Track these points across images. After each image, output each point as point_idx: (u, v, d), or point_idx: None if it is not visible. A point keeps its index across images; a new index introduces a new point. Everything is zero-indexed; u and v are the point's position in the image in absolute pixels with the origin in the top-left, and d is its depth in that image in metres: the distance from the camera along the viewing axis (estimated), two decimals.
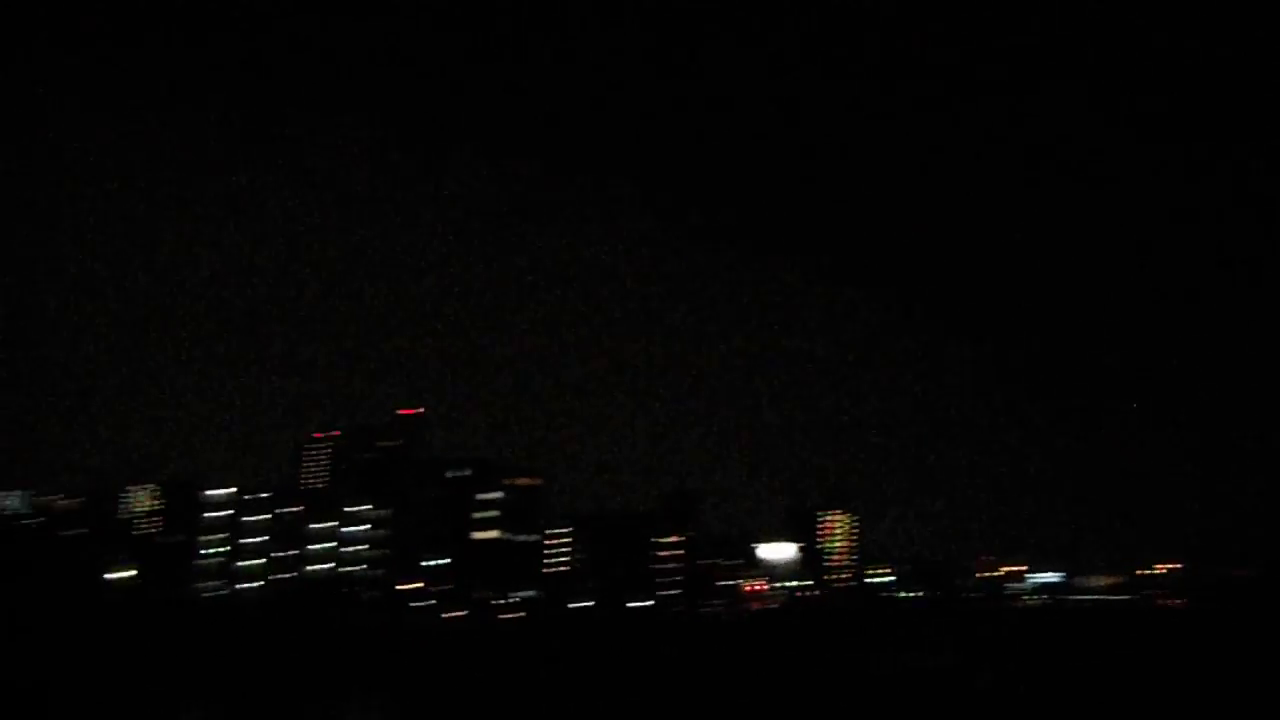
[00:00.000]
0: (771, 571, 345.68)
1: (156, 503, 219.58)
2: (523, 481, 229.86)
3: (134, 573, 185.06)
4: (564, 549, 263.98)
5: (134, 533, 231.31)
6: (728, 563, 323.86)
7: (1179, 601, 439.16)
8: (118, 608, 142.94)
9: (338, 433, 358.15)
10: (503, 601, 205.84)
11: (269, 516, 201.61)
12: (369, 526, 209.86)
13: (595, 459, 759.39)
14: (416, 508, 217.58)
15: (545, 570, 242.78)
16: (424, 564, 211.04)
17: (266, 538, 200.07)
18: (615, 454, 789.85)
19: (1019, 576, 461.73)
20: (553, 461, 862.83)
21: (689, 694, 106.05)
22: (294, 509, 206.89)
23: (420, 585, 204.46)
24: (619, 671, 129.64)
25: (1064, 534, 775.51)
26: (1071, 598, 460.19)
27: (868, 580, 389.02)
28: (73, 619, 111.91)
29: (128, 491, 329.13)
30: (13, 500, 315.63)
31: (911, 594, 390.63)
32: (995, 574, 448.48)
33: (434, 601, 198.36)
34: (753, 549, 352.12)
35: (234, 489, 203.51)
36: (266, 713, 75.70)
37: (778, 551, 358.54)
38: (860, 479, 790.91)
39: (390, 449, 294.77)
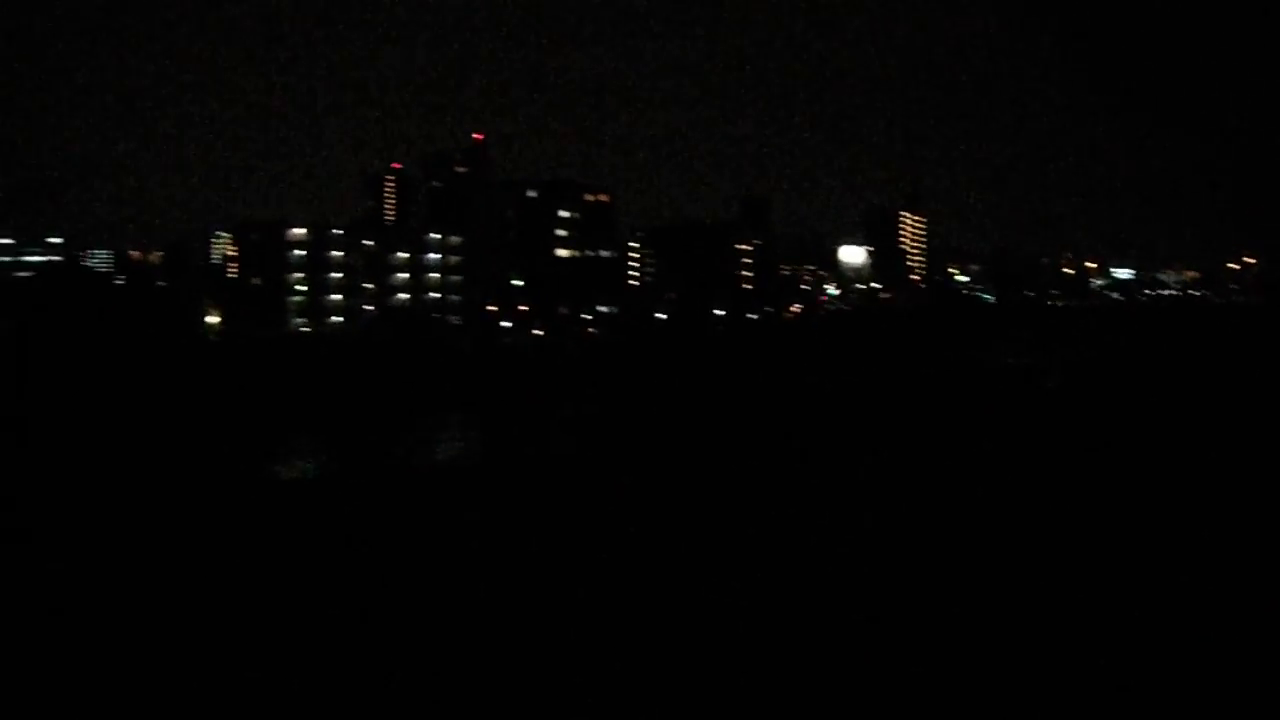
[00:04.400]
0: (847, 274, 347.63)
1: (240, 247, 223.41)
2: (595, 198, 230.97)
3: (224, 317, 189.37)
4: (641, 262, 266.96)
5: (223, 278, 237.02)
6: (804, 267, 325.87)
7: (1257, 297, 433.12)
8: (215, 350, 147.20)
9: (398, 165, 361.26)
10: (585, 317, 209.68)
11: (350, 251, 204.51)
12: (448, 253, 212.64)
13: (665, 172, 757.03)
14: (493, 231, 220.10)
15: (624, 285, 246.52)
16: (504, 286, 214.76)
17: (348, 273, 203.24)
18: (685, 165, 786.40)
19: (1098, 273, 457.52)
20: (622, 178, 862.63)
21: (769, 388, 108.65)
22: (373, 241, 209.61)
23: (501, 307, 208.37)
24: (700, 371, 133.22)
25: (1141, 229, 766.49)
26: (1147, 292, 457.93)
27: (944, 280, 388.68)
28: (175, 364, 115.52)
29: (214, 239, 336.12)
30: (100, 258, 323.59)
31: (988, 293, 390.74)
32: (1073, 271, 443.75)
33: (515, 322, 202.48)
34: (829, 252, 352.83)
35: (314, 227, 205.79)
36: (369, 436, 79.10)
37: (853, 254, 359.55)
38: (935, 179, 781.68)
39: (463, 175, 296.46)
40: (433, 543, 20.41)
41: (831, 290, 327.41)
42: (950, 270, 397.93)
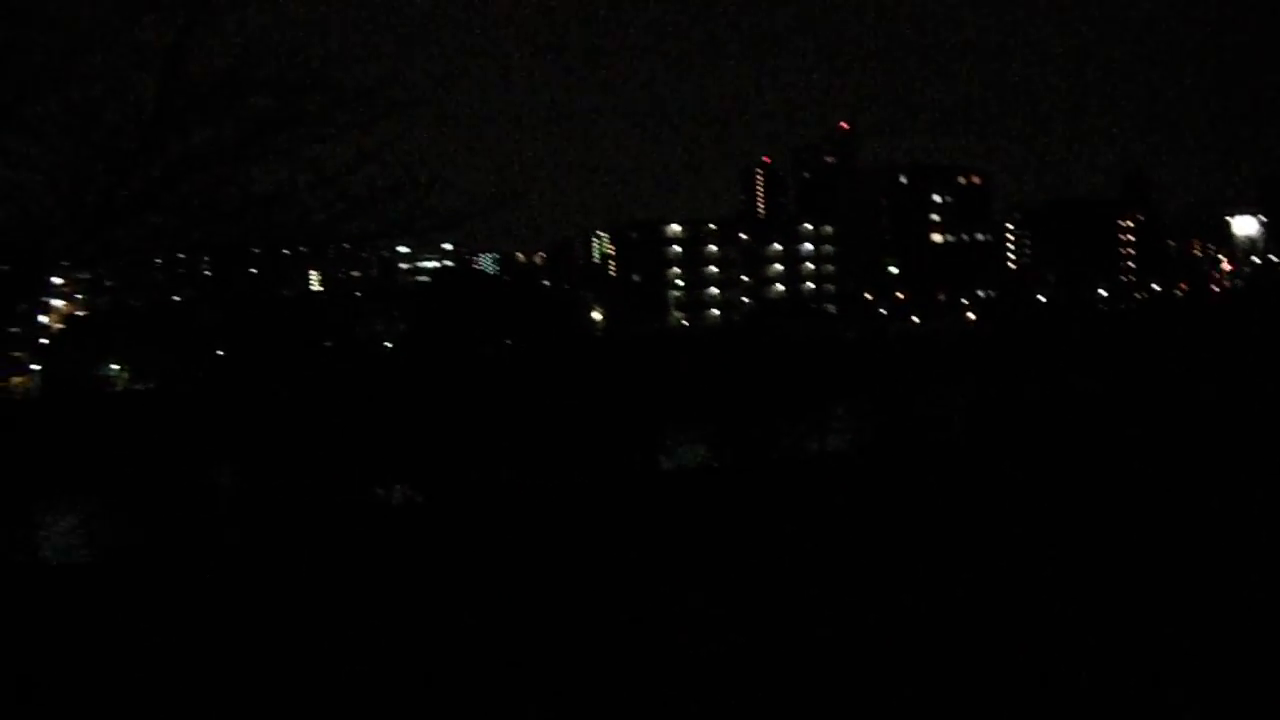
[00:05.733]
0: (1241, 246, 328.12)
1: (618, 246, 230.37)
2: (968, 180, 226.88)
3: (607, 313, 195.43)
4: (1018, 244, 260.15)
5: (605, 276, 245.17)
6: (1193, 241, 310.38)
7: None
8: (602, 345, 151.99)
9: (768, 159, 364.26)
10: (964, 301, 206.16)
11: (725, 246, 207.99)
12: (822, 243, 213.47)
13: (1040, 149, 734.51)
14: (865, 218, 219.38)
15: (1003, 267, 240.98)
16: (879, 274, 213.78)
17: (724, 267, 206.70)
18: (1061, 140, 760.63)
19: None
20: (995, 158, 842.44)
21: (1161, 373, 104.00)
22: (747, 235, 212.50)
23: (878, 295, 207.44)
24: (1086, 355, 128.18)
25: None
26: None
27: None
28: (565, 359, 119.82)
29: (595, 238, 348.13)
30: (485, 261, 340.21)
31: None
32: None
33: (893, 309, 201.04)
34: (1220, 224, 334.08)
35: (689, 223, 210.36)
36: (757, 426, 79.64)
37: (1247, 225, 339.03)
38: None
39: (832, 165, 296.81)
40: (823, 531, 20.65)
41: (1225, 265, 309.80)
42: None
